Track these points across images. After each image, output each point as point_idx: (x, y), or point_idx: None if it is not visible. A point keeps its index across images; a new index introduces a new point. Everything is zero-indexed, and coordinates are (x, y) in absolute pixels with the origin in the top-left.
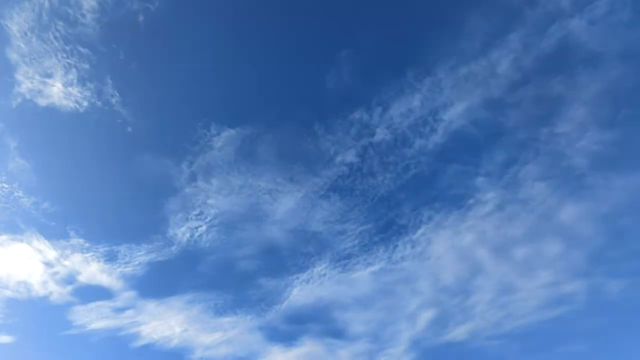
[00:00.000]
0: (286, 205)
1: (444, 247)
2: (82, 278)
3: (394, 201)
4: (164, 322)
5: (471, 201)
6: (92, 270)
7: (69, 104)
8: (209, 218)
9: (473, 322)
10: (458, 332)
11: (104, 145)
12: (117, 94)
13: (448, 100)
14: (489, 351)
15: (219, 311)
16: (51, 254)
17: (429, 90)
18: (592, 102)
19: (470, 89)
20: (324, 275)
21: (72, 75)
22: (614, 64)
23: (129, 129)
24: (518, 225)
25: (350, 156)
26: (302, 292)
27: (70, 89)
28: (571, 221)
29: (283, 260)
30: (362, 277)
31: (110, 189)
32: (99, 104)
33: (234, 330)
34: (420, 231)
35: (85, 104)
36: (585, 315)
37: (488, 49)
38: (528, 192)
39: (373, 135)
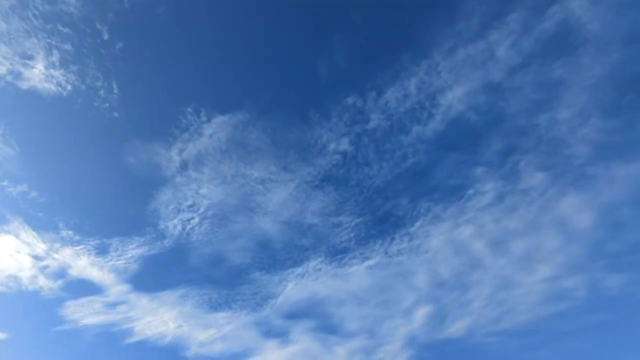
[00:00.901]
0: (279, 195)
1: (442, 240)
2: (73, 272)
3: (390, 192)
4: (158, 317)
5: (470, 191)
6: (83, 264)
7: (51, 87)
8: (201, 209)
9: (471, 317)
10: (456, 328)
11: (90, 132)
12: (102, 77)
13: (446, 84)
14: (488, 348)
15: (213, 306)
16: (40, 246)
17: (426, 73)
18: (594, 87)
19: (468, 73)
20: (319, 269)
21: (54, 57)
22: (618, 47)
23: (115, 114)
24: (518, 218)
25: (344, 144)
26: (297, 287)
27: (52, 71)
28: (572, 213)
29: (277, 253)
30: (358, 271)
31: (98, 178)
32: (83, 87)
33: (229, 325)
34: (417, 224)
35: (68, 87)
36: (586, 311)
37: (486, 30)
38: (528, 183)
39: (367, 121)
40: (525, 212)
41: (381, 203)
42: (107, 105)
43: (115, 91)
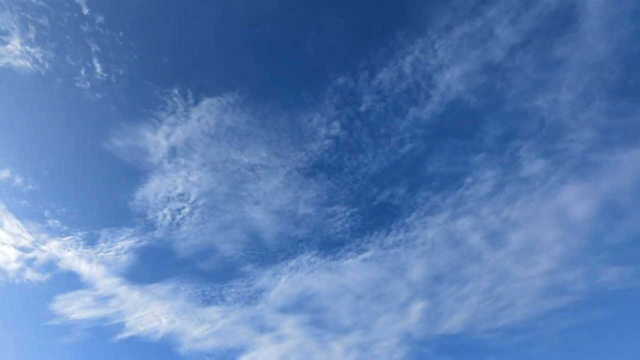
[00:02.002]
0: (271, 183)
1: (439, 232)
2: (62, 265)
3: (386, 180)
4: (149, 312)
5: (469, 179)
6: (72, 255)
7: (28, 64)
8: (192, 198)
9: (469, 313)
10: (454, 324)
11: (72, 114)
12: (82, 55)
13: (442, 63)
14: (487, 344)
15: (206, 300)
16: (26, 238)
17: (421, 52)
18: (598, 66)
19: (466, 52)
20: (314, 262)
21: (30, 33)
22: (624, 22)
23: (98, 95)
24: (517, 208)
25: (336, 128)
26: (291, 280)
27: (28, 47)
28: (573, 203)
29: (270, 245)
30: (354, 264)
31: (82, 163)
32: (62, 66)
33: (223, 320)
34: (414, 214)
35: (47, 65)
36: (586, 306)
37: (484, 7)
38: (529, 170)
39: (359, 103)
40: (525, 202)
41: (377, 192)
42: (89, 85)
43: (97, 70)
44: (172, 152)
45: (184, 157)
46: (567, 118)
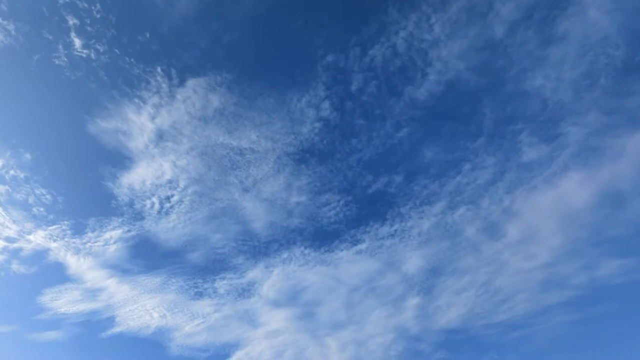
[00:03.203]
0: (261, 169)
1: (436, 222)
2: (49, 256)
3: (382, 167)
4: (140, 305)
5: (467, 166)
6: (59, 246)
7: (0, 37)
8: (181, 185)
9: (467, 307)
10: (451, 318)
11: (50, 92)
12: (59, 29)
13: (439, 39)
14: (485, 339)
15: (198, 293)
16: (11, 227)
17: (416, 27)
18: (603, 43)
19: (463, 28)
20: (307, 254)
21: (4, 5)
22: None
23: (77, 72)
24: (517, 197)
25: (325, 109)
26: (284, 273)
27: (0, 19)
28: (574, 191)
29: (262, 235)
30: (348, 256)
31: (65, 148)
32: (38, 40)
33: (215, 314)
34: (411, 203)
35: (21, 39)
36: (586, 301)
37: None
38: (530, 156)
39: (350, 82)
40: (525, 191)
41: (372, 180)
42: (67, 61)
43: (76, 46)
44: (159, 135)
45: (171, 141)
46: (571, 99)
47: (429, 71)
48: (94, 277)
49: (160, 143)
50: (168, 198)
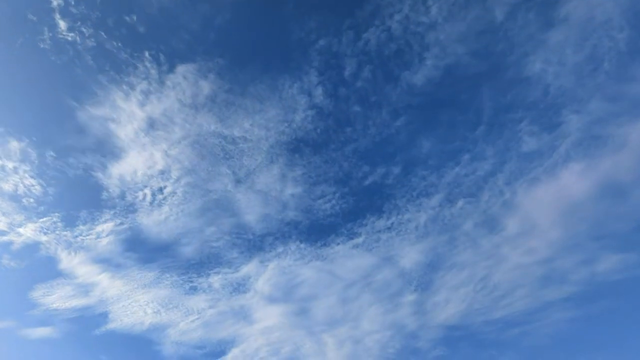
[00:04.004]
0: (254, 159)
1: (434, 215)
2: (40, 250)
3: (378, 157)
4: (133, 301)
5: (467, 156)
6: (50, 240)
7: None
8: (173, 176)
9: (466, 303)
10: (450, 314)
11: (35, 76)
12: (43, 11)
13: (436, 22)
14: (485, 336)
15: (193, 288)
16: (1, 220)
17: (412, 9)
18: (607, 25)
19: (462, 10)
20: (303, 249)
21: None
22: None
23: (63, 57)
24: (517, 189)
25: (318, 95)
26: (279, 267)
27: None
28: (576, 183)
29: (257, 228)
30: (344, 251)
31: (51, 135)
32: (22, 22)
33: (211, 310)
34: (408, 195)
35: (4, 21)
36: (586, 297)
37: None
38: (530, 146)
39: (343, 67)
40: (525, 182)
41: (368, 171)
42: (52, 45)
43: (61, 28)
44: (149, 124)
45: (162, 130)
46: (573, 84)
47: (426, 56)
48: (86, 272)
49: (151, 132)
50: (161, 189)
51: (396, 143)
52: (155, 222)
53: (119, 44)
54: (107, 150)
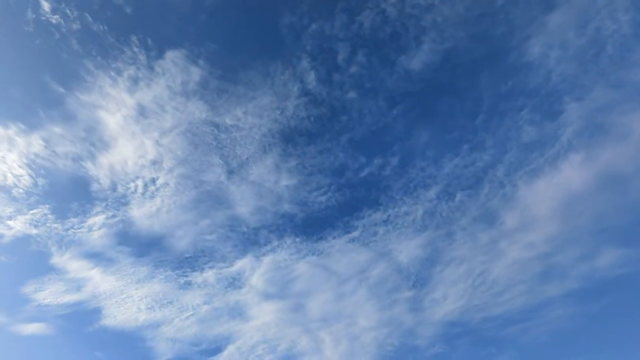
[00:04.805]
0: (247, 149)
1: (432, 208)
2: (31, 245)
3: (375, 148)
4: (127, 296)
5: (466, 147)
6: (41, 233)
7: None
8: (165, 166)
9: (464, 299)
10: (448, 311)
11: (17, 57)
12: None
13: (433, 4)
14: (484, 333)
15: (187, 283)
16: None
17: None
18: (610, 7)
19: None
20: (299, 242)
21: None
22: None
23: (49, 40)
24: (518, 180)
25: (311, 81)
26: (274, 262)
27: None
28: (577, 175)
29: (251, 221)
30: (341, 245)
31: (38, 121)
32: (4, 3)
33: (205, 306)
34: (406, 187)
35: None
36: (586, 293)
37: None
38: (531, 135)
39: (336, 52)
40: (525, 174)
41: (364, 162)
42: (35, 27)
43: (45, 10)
44: (139, 112)
45: (152, 118)
46: (575, 70)
47: (423, 40)
48: (78, 267)
49: (141, 120)
50: (153, 180)
51: (393, 133)
52: (148, 214)
53: (105, 27)
54: (97, 138)
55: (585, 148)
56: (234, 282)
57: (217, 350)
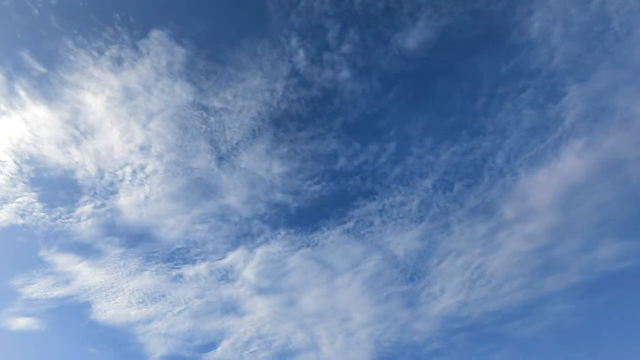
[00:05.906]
0: (237, 134)
1: (429, 197)
2: (17, 235)
3: (370, 133)
4: (117, 290)
5: (464, 132)
6: (28, 223)
7: None
8: (154, 152)
9: (463, 293)
10: (446, 305)
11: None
12: None
13: None
14: (483, 330)
15: (179, 276)
16: None
17: None
18: None
19: None
20: (292, 234)
21: None
22: None
23: (27, 16)
24: (518, 168)
25: (300, 60)
26: (266, 254)
27: None
28: (580, 162)
29: (243, 211)
30: (333, 236)
31: (21, 101)
32: None
33: (198, 300)
34: (402, 176)
35: None
36: (586, 288)
37: None
38: (533, 120)
39: (326, 29)
40: (526, 161)
41: (359, 148)
42: (10, 1)
43: None
44: (124, 93)
45: (138, 100)
46: (578, 49)
47: (418, 16)
48: (66, 260)
49: (127, 102)
50: (142, 167)
51: (388, 117)
52: (137, 203)
53: (85, 3)
54: (81, 121)
55: (587, 133)
56: (227, 275)
57: (211, 346)
